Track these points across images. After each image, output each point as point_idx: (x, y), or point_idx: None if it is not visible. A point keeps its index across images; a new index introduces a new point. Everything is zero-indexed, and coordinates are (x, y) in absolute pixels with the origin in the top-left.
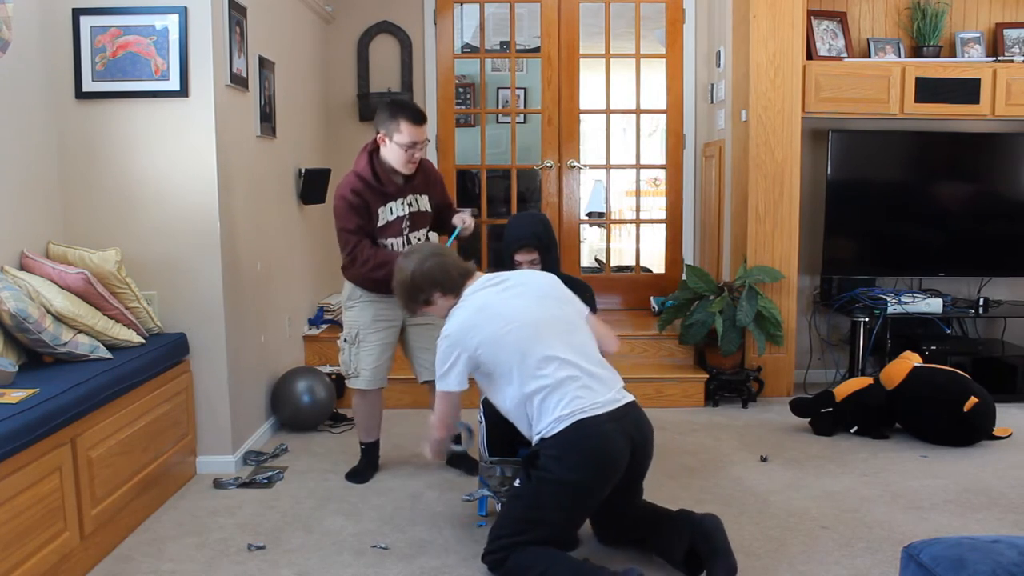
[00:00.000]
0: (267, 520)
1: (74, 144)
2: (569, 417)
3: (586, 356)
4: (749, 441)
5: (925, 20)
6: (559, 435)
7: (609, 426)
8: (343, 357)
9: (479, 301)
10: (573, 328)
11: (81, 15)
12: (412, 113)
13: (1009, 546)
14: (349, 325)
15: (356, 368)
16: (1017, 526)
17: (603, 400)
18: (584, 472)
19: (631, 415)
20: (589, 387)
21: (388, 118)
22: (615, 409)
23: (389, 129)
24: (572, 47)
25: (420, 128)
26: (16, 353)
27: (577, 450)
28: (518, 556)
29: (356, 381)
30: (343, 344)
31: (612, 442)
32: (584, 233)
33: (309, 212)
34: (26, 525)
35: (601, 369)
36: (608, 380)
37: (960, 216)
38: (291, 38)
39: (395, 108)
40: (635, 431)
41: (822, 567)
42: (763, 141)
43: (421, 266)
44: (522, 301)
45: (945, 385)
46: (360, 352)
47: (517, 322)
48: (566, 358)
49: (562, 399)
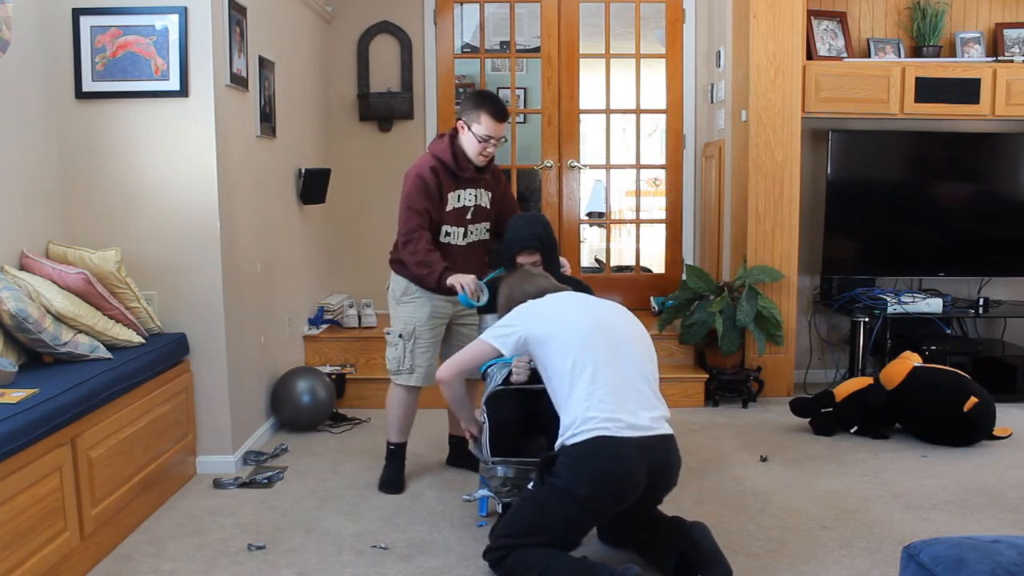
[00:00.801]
0: (267, 520)
1: (74, 144)
2: (595, 430)
3: (636, 378)
4: (749, 441)
5: (925, 20)
6: (580, 445)
7: (630, 451)
8: (394, 352)
9: (555, 296)
10: (636, 347)
11: (81, 15)
12: (495, 108)
13: (1009, 546)
14: (405, 321)
15: (411, 364)
16: (1017, 526)
17: (636, 424)
18: (594, 489)
19: (659, 447)
20: (627, 406)
21: (472, 107)
22: (644, 437)
23: (470, 118)
24: (572, 47)
25: (500, 124)
26: (16, 353)
27: (592, 465)
28: (518, 555)
29: (410, 378)
30: (396, 339)
31: (628, 467)
32: (584, 233)
33: (309, 212)
34: (26, 525)
35: (651, 395)
36: (651, 407)
37: (960, 216)
38: (291, 38)
39: (480, 99)
40: (657, 463)
41: (822, 567)
42: (763, 141)
43: (534, 280)
44: (596, 306)
45: (945, 385)
46: (416, 349)
47: (587, 317)
48: (618, 370)
49: (596, 408)
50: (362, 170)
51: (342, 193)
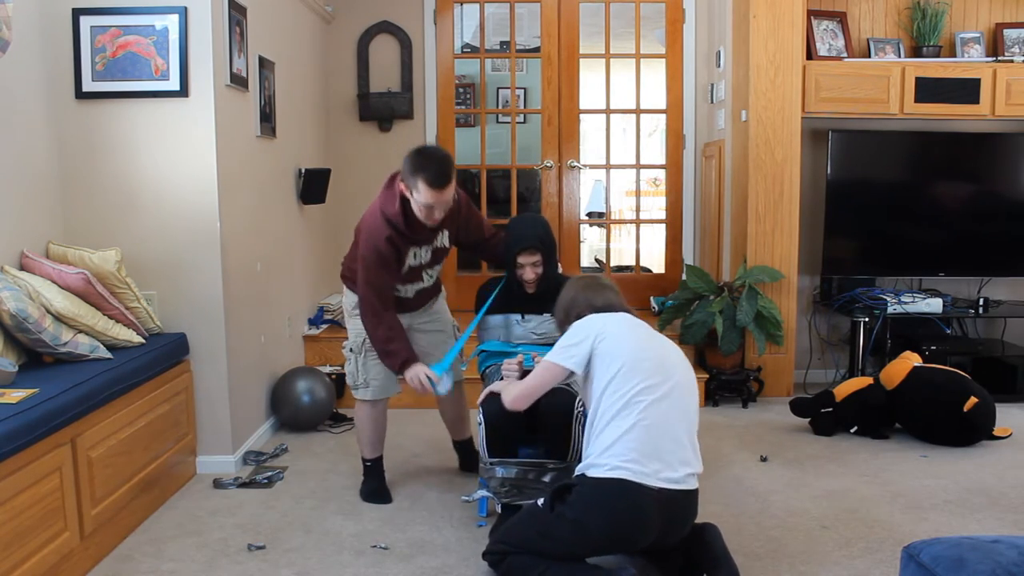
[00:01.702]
0: (267, 520)
1: (74, 144)
2: (619, 469)
3: (679, 428)
4: (749, 441)
5: (925, 20)
6: (600, 481)
7: (648, 502)
8: (349, 367)
9: (621, 316)
10: (688, 396)
11: (81, 15)
12: (433, 174)
13: (1009, 546)
14: (356, 333)
15: (365, 378)
16: (1017, 526)
17: (664, 475)
18: (603, 531)
19: (680, 503)
20: (662, 456)
21: (409, 172)
22: (667, 490)
23: (409, 183)
24: (572, 47)
25: (440, 192)
26: (16, 353)
27: (608, 507)
28: (517, 556)
29: (364, 392)
30: (348, 353)
31: (643, 517)
32: (584, 233)
33: (309, 212)
34: (26, 525)
35: (688, 449)
36: (685, 463)
37: (960, 216)
38: (291, 38)
39: (417, 163)
40: (672, 518)
41: (822, 567)
42: (763, 141)
43: (603, 293)
44: (660, 341)
45: (945, 385)
46: (367, 361)
47: (652, 351)
48: (665, 415)
49: (630, 447)
50: (362, 170)
51: (342, 193)
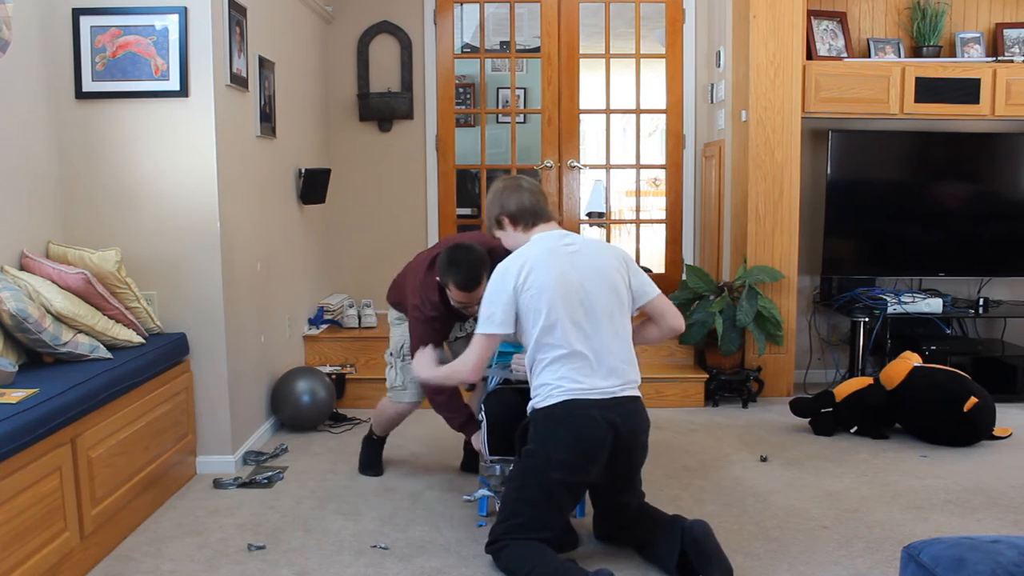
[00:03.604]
0: (267, 520)
1: (74, 144)
2: (561, 394)
3: (605, 344)
4: (749, 441)
5: (925, 20)
6: (547, 409)
7: (595, 412)
8: (389, 372)
9: (545, 245)
10: (610, 314)
11: (81, 15)
12: (462, 279)
13: (1009, 546)
14: (396, 339)
15: (403, 381)
16: (1017, 526)
17: (601, 387)
18: (563, 451)
19: (624, 407)
20: (593, 371)
21: (443, 271)
22: (608, 399)
23: (442, 279)
24: (572, 47)
25: (470, 294)
26: (16, 353)
27: (559, 424)
28: (510, 553)
29: (403, 394)
30: (389, 358)
31: (592, 427)
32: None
33: (309, 212)
34: (26, 525)
35: (618, 362)
36: (619, 372)
37: (960, 216)
38: (291, 38)
39: (448, 266)
40: (621, 422)
41: (822, 567)
42: (763, 141)
43: (518, 195)
44: (577, 268)
45: (945, 385)
46: (407, 365)
47: (565, 282)
48: (586, 337)
49: (563, 373)
50: (362, 170)
51: (342, 193)
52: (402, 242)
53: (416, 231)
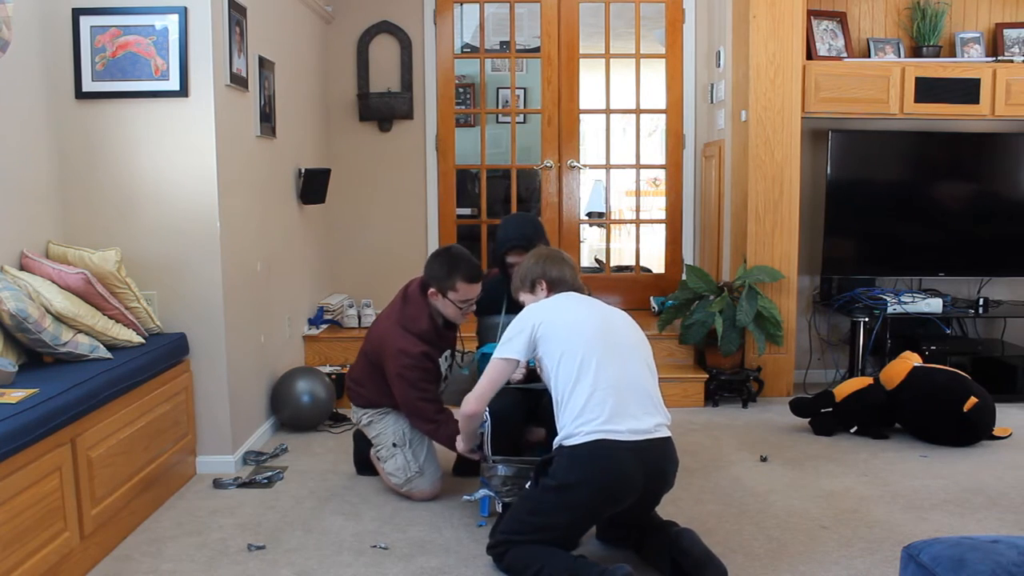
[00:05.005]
0: (267, 520)
1: (74, 144)
2: (593, 433)
3: (635, 382)
4: (749, 441)
5: (925, 20)
6: (576, 448)
7: (626, 455)
8: (396, 464)
9: (561, 297)
10: (638, 352)
11: (81, 15)
12: (468, 272)
13: (1009, 546)
14: (391, 431)
15: (419, 466)
16: (1017, 526)
17: (635, 428)
18: (588, 492)
19: (656, 450)
20: (628, 410)
21: (444, 275)
22: (641, 440)
23: (444, 285)
24: (572, 47)
25: (475, 286)
26: (16, 353)
27: (589, 468)
28: (517, 551)
29: (422, 481)
30: (393, 450)
31: (624, 471)
32: (584, 233)
33: (309, 212)
34: (26, 525)
35: (649, 399)
36: (649, 412)
37: (960, 216)
38: (291, 38)
39: (450, 265)
40: (653, 465)
41: (822, 567)
42: (763, 141)
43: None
44: (603, 310)
45: (945, 385)
46: (415, 448)
47: (593, 321)
48: (616, 375)
49: (596, 411)
50: (362, 170)
51: (342, 193)
52: (402, 242)
53: (416, 231)
